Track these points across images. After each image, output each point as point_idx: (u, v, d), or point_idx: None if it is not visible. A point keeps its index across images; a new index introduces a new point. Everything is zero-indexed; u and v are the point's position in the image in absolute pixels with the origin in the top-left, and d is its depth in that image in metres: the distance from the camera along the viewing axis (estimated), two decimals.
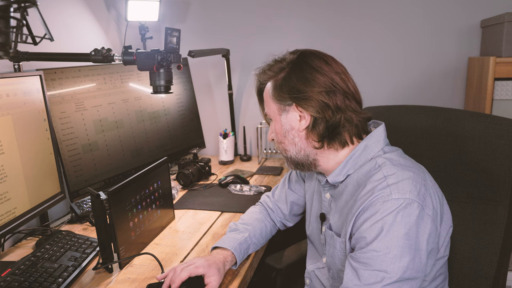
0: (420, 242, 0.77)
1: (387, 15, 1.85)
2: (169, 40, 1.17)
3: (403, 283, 0.76)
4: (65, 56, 1.28)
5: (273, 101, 0.95)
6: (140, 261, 1.08)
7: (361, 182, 0.87)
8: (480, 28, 1.76)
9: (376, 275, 0.76)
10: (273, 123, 0.98)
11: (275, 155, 2.11)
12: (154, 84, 1.21)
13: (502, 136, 0.98)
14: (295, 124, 0.92)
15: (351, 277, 0.80)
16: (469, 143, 1.03)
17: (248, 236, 1.08)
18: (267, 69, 0.96)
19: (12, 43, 0.89)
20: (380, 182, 0.82)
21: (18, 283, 0.93)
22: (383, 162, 0.86)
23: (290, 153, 0.96)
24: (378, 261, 0.76)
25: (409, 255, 0.76)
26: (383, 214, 0.78)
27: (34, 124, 1.14)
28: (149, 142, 1.69)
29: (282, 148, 0.97)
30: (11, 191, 1.05)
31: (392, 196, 0.78)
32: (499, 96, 1.56)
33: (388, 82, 1.91)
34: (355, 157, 0.90)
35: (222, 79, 2.10)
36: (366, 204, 0.81)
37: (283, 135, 0.95)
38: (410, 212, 0.77)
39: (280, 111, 0.94)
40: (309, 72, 0.89)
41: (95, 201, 0.98)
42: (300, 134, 0.92)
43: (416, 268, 0.77)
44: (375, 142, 0.90)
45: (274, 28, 1.98)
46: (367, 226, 0.79)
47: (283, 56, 0.95)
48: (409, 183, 0.80)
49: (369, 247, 0.78)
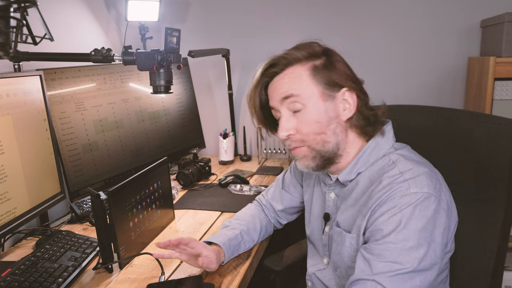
0: (436, 235, 0.78)
1: (387, 15, 1.85)
2: (169, 40, 1.17)
3: (416, 274, 0.76)
4: (65, 56, 1.28)
5: (316, 85, 0.86)
6: (140, 261, 1.08)
7: (374, 178, 0.86)
8: (480, 28, 1.76)
9: (390, 266, 0.76)
10: (299, 113, 0.87)
11: (275, 155, 2.11)
12: (154, 84, 1.21)
13: (502, 136, 0.98)
14: (340, 112, 0.87)
15: (363, 268, 0.79)
16: (469, 143, 1.03)
17: (239, 233, 1.07)
18: (298, 50, 0.88)
19: (12, 43, 0.89)
20: (396, 177, 0.82)
21: (18, 283, 0.93)
22: (397, 158, 0.86)
23: (330, 146, 0.87)
24: (394, 253, 0.76)
25: (425, 247, 0.76)
26: (401, 207, 0.78)
27: (34, 124, 1.14)
28: (149, 142, 1.69)
29: (320, 140, 0.87)
30: (11, 191, 1.05)
31: (411, 190, 0.79)
32: (499, 96, 1.56)
33: (388, 82, 1.91)
34: (366, 155, 0.89)
35: (222, 79, 2.10)
36: (384, 198, 0.81)
37: (326, 124, 0.86)
38: (428, 205, 0.78)
39: (324, 96, 0.86)
40: (344, 63, 0.89)
41: (95, 201, 0.98)
42: (342, 124, 0.88)
43: (431, 260, 0.77)
44: (386, 140, 0.91)
45: (274, 28, 1.98)
46: (384, 219, 0.79)
47: (307, 42, 0.91)
48: (426, 177, 0.81)
49: (386, 239, 0.78)
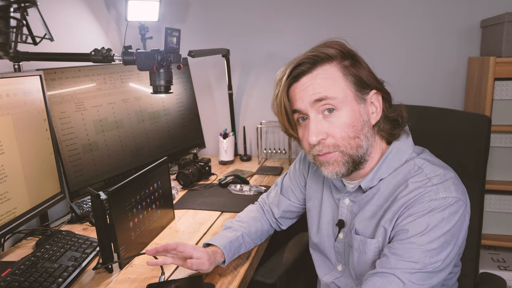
0: (459, 239, 0.80)
1: (387, 15, 1.85)
2: (169, 40, 1.17)
3: (435, 273, 0.78)
4: (65, 56, 1.28)
5: (349, 86, 0.82)
6: (140, 261, 1.08)
7: (400, 183, 0.85)
8: (480, 28, 1.76)
9: (412, 266, 0.76)
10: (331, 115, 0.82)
11: (275, 155, 2.11)
12: (154, 84, 1.21)
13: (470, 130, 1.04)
14: (370, 116, 0.85)
15: (382, 264, 0.79)
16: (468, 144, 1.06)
17: (241, 235, 1.06)
18: (322, 49, 0.84)
19: (12, 43, 0.89)
20: (424, 182, 0.82)
21: (18, 283, 0.93)
22: (422, 163, 0.85)
23: (362, 151, 0.84)
24: (418, 253, 0.77)
25: (448, 250, 0.78)
26: (430, 211, 0.78)
27: (34, 124, 1.14)
28: (149, 142, 1.69)
29: (355, 144, 0.83)
30: (11, 191, 1.05)
31: (440, 195, 0.79)
32: (499, 96, 1.56)
33: (387, 82, 1.90)
34: (388, 160, 0.88)
35: (222, 79, 2.10)
36: (411, 202, 0.80)
37: (360, 127, 0.83)
38: (456, 210, 0.78)
39: (358, 98, 0.83)
40: (365, 64, 0.87)
41: (95, 201, 0.98)
42: (371, 127, 0.86)
43: (449, 261, 0.79)
44: (406, 144, 0.90)
45: (274, 28, 1.98)
46: (411, 220, 0.79)
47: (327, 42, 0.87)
48: (453, 182, 0.81)
49: (411, 239, 0.78)
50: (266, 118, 2.06)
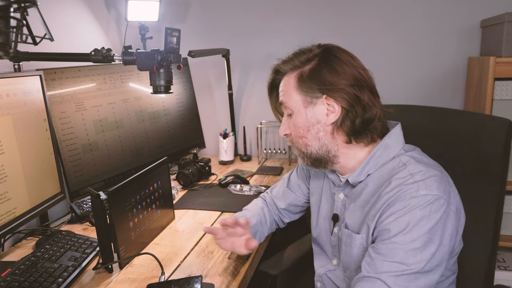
0: (444, 238, 0.79)
1: (387, 15, 1.85)
2: (169, 40, 1.17)
3: (421, 275, 0.77)
4: (65, 56, 1.28)
5: (298, 93, 0.90)
6: (140, 261, 1.08)
7: (384, 180, 0.86)
8: (480, 28, 1.76)
9: (396, 266, 0.76)
10: (290, 117, 0.94)
11: (275, 155, 2.11)
12: (154, 84, 1.21)
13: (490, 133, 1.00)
14: (322, 118, 0.89)
15: (368, 267, 0.80)
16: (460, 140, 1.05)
17: (256, 223, 1.11)
18: (292, 58, 0.92)
19: (12, 43, 0.89)
20: (406, 179, 0.82)
21: (18, 283, 0.93)
22: (407, 160, 0.86)
23: (312, 149, 0.92)
24: (400, 253, 0.77)
25: (431, 249, 0.77)
26: (411, 209, 0.78)
27: (34, 124, 1.14)
28: (149, 142, 1.69)
29: (302, 143, 0.93)
30: (11, 191, 1.05)
31: (420, 192, 0.79)
32: (499, 96, 1.56)
33: (388, 82, 1.91)
34: (376, 156, 0.89)
35: (222, 79, 2.10)
36: (393, 199, 0.81)
37: (306, 129, 0.91)
38: (437, 208, 0.78)
39: (305, 103, 0.90)
40: (339, 65, 0.87)
41: (95, 201, 0.98)
42: (325, 128, 0.90)
43: (437, 262, 0.78)
44: (395, 141, 0.91)
45: (274, 28, 1.98)
46: (392, 219, 0.80)
47: (308, 47, 0.93)
48: (436, 180, 0.81)
49: (393, 239, 0.78)
50: (266, 118, 2.06)
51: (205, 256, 1.09)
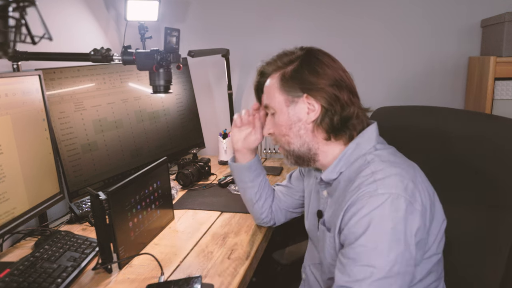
0: (408, 237, 0.78)
1: (387, 15, 1.85)
2: (168, 40, 1.17)
3: (394, 278, 0.76)
4: (64, 56, 1.28)
5: (280, 92, 0.94)
6: (139, 261, 1.07)
7: (352, 178, 0.88)
8: (480, 27, 1.76)
9: (365, 270, 0.76)
10: (274, 116, 0.98)
11: (275, 155, 2.10)
12: (153, 84, 1.21)
13: (504, 138, 0.95)
14: (303, 116, 0.92)
15: (340, 274, 0.80)
16: (477, 145, 0.99)
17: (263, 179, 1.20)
18: (276, 60, 0.97)
19: (10, 43, 0.88)
20: (367, 178, 0.83)
21: (17, 283, 0.92)
22: (372, 158, 0.87)
23: (294, 146, 0.95)
24: (365, 256, 0.77)
25: (396, 249, 0.76)
26: (369, 208, 0.78)
27: (33, 124, 1.14)
28: (149, 142, 1.69)
29: (285, 141, 0.97)
30: (10, 191, 1.04)
31: (378, 191, 0.79)
32: (499, 96, 1.56)
33: (388, 82, 1.91)
34: (347, 155, 0.91)
35: (222, 79, 2.09)
36: (353, 199, 0.82)
37: (288, 127, 0.95)
38: (397, 207, 0.77)
39: (287, 102, 0.94)
40: (320, 66, 0.91)
41: (94, 201, 0.97)
42: (306, 126, 0.93)
43: (406, 262, 0.77)
44: (367, 140, 0.92)
45: (274, 28, 1.98)
46: (355, 221, 0.80)
47: (291, 50, 0.96)
48: (396, 178, 0.81)
49: (357, 242, 0.78)
50: None
51: (205, 256, 1.09)
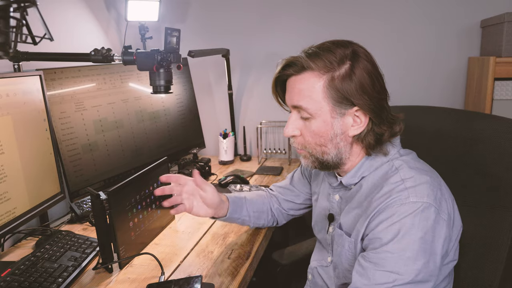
0: (435, 247, 0.77)
1: (387, 15, 1.85)
2: (169, 40, 1.17)
3: (415, 285, 0.75)
4: (65, 56, 1.28)
5: (326, 100, 0.82)
6: (140, 261, 1.07)
7: (377, 184, 0.85)
8: (480, 28, 1.76)
9: (388, 276, 0.75)
10: (305, 120, 0.87)
11: (275, 155, 2.10)
12: (154, 84, 1.21)
13: (503, 137, 0.95)
14: (347, 128, 0.85)
15: (359, 277, 0.79)
16: (478, 145, 0.99)
17: (244, 198, 1.13)
18: (320, 55, 0.82)
19: (11, 43, 0.89)
20: (397, 184, 0.81)
21: (18, 283, 0.93)
22: (400, 164, 0.85)
23: (328, 157, 0.88)
24: (391, 262, 0.76)
25: (423, 258, 0.75)
26: (400, 216, 0.77)
27: (34, 124, 1.14)
28: (149, 142, 1.69)
29: (320, 150, 0.88)
30: (11, 191, 1.04)
31: (410, 199, 0.78)
32: (499, 96, 1.56)
33: (388, 82, 1.89)
34: (370, 159, 0.88)
35: (222, 79, 2.10)
36: (383, 206, 0.80)
37: (329, 138, 0.86)
38: (427, 216, 0.77)
39: (334, 113, 0.83)
40: (373, 73, 0.83)
41: (95, 201, 0.98)
42: (347, 138, 0.86)
43: (430, 271, 0.76)
44: (391, 145, 0.89)
45: (274, 28, 1.98)
46: (383, 228, 0.78)
47: (335, 43, 0.85)
48: (427, 187, 0.80)
49: (384, 248, 0.77)
50: (266, 118, 2.06)
51: (205, 256, 1.09)
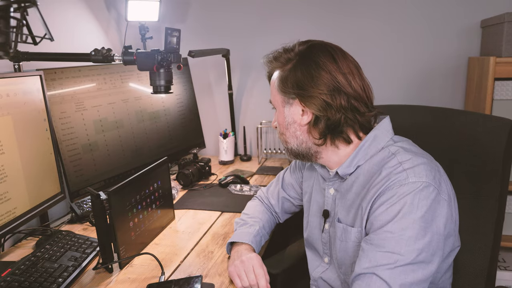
0: (437, 226, 0.77)
1: (387, 15, 1.85)
2: (169, 40, 1.17)
3: (418, 266, 0.75)
4: (65, 56, 1.28)
5: (278, 92, 0.94)
6: (140, 261, 1.08)
7: (374, 170, 0.86)
8: (480, 28, 1.76)
9: (389, 256, 0.75)
10: (276, 113, 0.98)
11: (275, 155, 2.11)
12: (154, 84, 1.21)
13: (490, 133, 1.00)
14: (297, 118, 0.92)
15: (362, 261, 0.78)
16: (468, 144, 1.04)
17: (259, 228, 1.11)
18: (275, 59, 0.95)
19: (12, 43, 0.89)
20: (395, 167, 0.82)
21: (18, 283, 0.93)
22: (396, 150, 0.87)
23: (291, 145, 0.96)
24: (392, 243, 0.76)
25: (425, 237, 0.75)
26: (400, 197, 0.78)
27: (34, 124, 1.14)
28: (149, 142, 1.69)
29: (283, 139, 0.98)
30: (11, 191, 1.05)
31: (409, 180, 0.79)
32: (499, 96, 1.56)
33: (388, 82, 1.91)
34: (365, 148, 0.90)
35: (222, 79, 2.10)
36: (383, 188, 0.81)
37: (285, 127, 0.95)
38: (426, 195, 0.77)
39: (283, 103, 0.94)
40: (315, 69, 0.87)
41: (95, 201, 0.98)
42: (302, 128, 0.92)
43: (432, 251, 0.76)
44: (384, 132, 0.91)
45: (274, 28, 1.98)
46: (383, 209, 0.79)
47: (292, 45, 0.94)
48: (425, 167, 0.81)
49: (384, 228, 0.78)
50: (266, 118, 2.06)
51: (205, 256, 1.09)
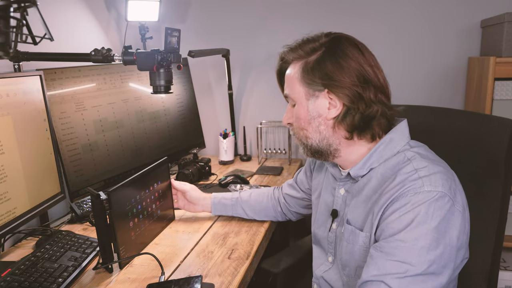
0: (450, 237, 0.75)
1: (387, 15, 1.85)
2: (169, 40, 1.17)
3: (428, 277, 0.72)
4: (65, 56, 1.28)
5: (301, 84, 0.89)
6: (140, 261, 1.08)
7: (388, 175, 0.84)
8: (480, 28, 1.76)
9: (399, 266, 0.73)
10: (294, 107, 0.93)
11: (275, 155, 2.11)
12: (154, 84, 1.21)
13: (492, 134, 0.99)
14: (323, 111, 0.88)
15: (371, 268, 0.76)
16: (468, 144, 1.03)
17: (237, 199, 1.22)
18: (298, 47, 0.91)
19: (12, 43, 0.89)
20: (411, 174, 0.80)
21: (18, 283, 0.93)
22: (412, 155, 0.84)
23: (312, 141, 0.91)
24: (403, 252, 0.73)
25: (437, 249, 0.73)
26: (414, 205, 0.75)
27: (34, 124, 1.14)
28: (149, 142, 1.69)
29: (303, 134, 0.93)
30: (11, 191, 1.05)
31: (425, 188, 0.77)
32: (499, 96, 1.56)
33: (388, 82, 1.90)
34: (380, 150, 0.87)
35: (222, 79, 2.10)
36: (397, 195, 0.79)
37: (307, 121, 0.90)
38: (441, 205, 0.75)
39: (308, 95, 0.89)
40: (344, 59, 0.85)
41: (95, 201, 0.98)
42: (327, 122, 0.89)
43: (443, 263, 0.74)
44: (401, 136, 0.89)
45: (274, 28, 1.98)
46: (396, 217, 0.77)
47: (316, 36, 0.91)
48: (441, 176, 0.78)
49: (396, 236, 0.75)
50: (266, 118, 2.06)
51: (205, 256, 1.09)
